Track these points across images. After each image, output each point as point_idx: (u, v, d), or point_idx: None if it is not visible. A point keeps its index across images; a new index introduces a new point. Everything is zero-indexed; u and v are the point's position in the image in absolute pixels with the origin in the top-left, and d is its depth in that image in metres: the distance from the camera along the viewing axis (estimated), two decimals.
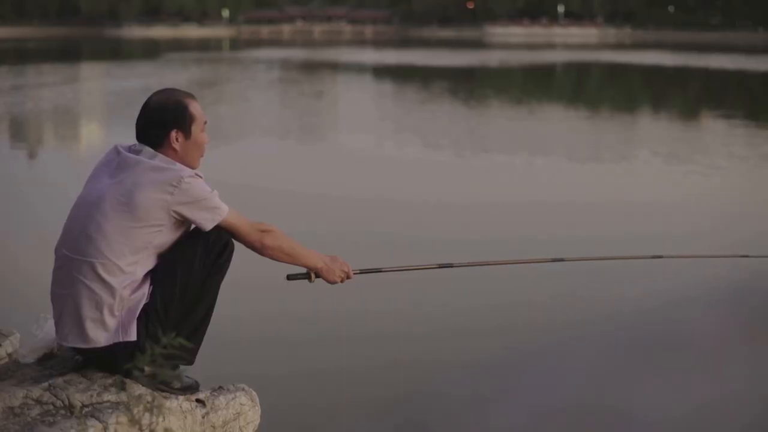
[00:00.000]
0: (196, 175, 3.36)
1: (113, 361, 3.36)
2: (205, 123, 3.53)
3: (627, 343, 6.40)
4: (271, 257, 3.56)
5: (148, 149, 3.38)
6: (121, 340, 3.33)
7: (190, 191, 3.30)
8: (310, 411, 5.19)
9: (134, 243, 3.29)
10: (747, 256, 5.62)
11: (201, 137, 3.48)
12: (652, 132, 20.73)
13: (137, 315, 3.34)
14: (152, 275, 3.40)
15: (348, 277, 3.80)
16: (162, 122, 3.40)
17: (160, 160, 3.34)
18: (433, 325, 6.78)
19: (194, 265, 3.37)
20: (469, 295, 7.40)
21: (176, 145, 3.40)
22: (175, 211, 3.29)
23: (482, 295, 7.41)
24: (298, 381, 5.62)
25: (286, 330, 6.58)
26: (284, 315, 6.79)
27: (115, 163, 3.38)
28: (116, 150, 3.42)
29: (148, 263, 3.36)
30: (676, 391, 5.43)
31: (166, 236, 3.34)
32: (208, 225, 3.36)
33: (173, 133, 3.40)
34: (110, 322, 3.32)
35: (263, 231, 3.50)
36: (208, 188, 3.37)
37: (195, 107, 3.47)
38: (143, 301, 3.36)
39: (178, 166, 3.35)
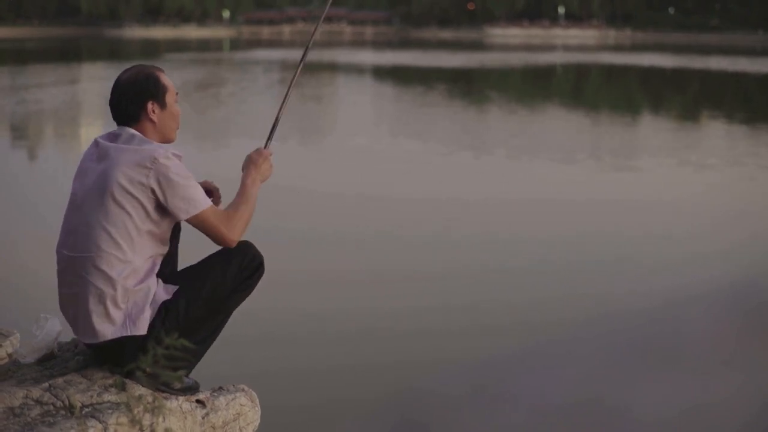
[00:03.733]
0: (174, 155, 3.32)
1: (121, 355, 3.36)
2: (177, 94, 3.53)
3: (624, 342, 6.40)
4: None
5: (127, 130, 3.38)
6: (128, 333, 3.32)
7: (165, 172, 3.26)
8: (309, 411, 5.20)
9: (124, 230, 3.28)
10: None
11: (175, 108, 3.49)
12: (654, 133, 20.75)
13: (145, 308, 3.33)
14: (182, 274, 3.44)
15: (265, 159, 3.59)
16: (137, 96, 3.40)
17: (136, 142, 3.34)
18: (431, 324, 6.78)
19: (227, 275, 3.40)
20: (466, 295, 7.41)
21: (154, 117, 3.41)
22: (152, 191, 3.27)
23: (479, 295, 7.41)
24: (297, 380, 5.62)
25: (285, 330, 6.58)
26: (283, 314, 6.80)
27: (95, 156, 3.38)
28: (95, 143, 3.43)
29: (145, 251, 3.34)
30: (673, 391, 5.44)
31: (154, 221, 3.31)
32: (181, 215, 3.32)
33: (149, 105, 3.40)
34: (116, 315, 3.32)
35: (229, 235, 3.40)
36: (185, 171, 3.32)
37: (165, 79, 3.49)
38: (151, 294, 3.35)
39: (154, 145, 3.33)
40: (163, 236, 3.39)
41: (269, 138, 3.77)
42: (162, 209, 3.31)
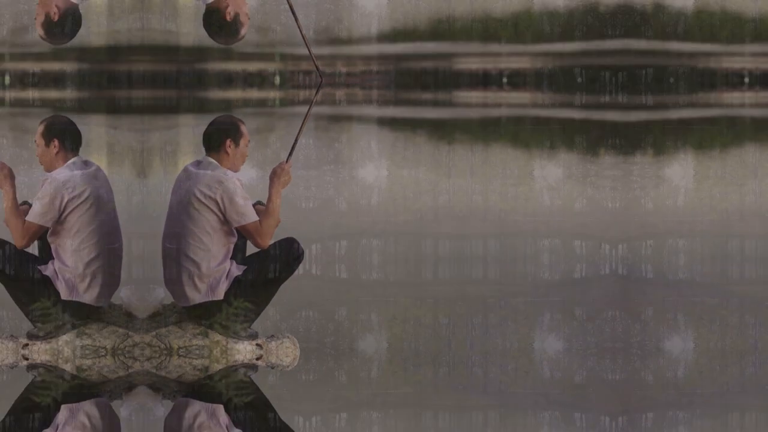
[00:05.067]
0: (237, 180, 3.42)
1: (205, 313, 3.47)
2: (249, 142, 3.60)
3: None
4: None
5: (207, 159, 3.47)
6: (209, 299, 3.43)
7: (229, 193, 3.37)
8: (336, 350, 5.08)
9: (203, 230, 3.39)
10: None
11: (245, 150, 3.56)
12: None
13: (222, 281, 3.42)
14: (249, 259, 3.50)
15: (285, 171, 3.54)
16: (221, 133, 3.49)
17: (212, 168, 3.43)
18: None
19: (278, 262, 3.45)
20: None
21: (229, 151, 3.48)
22: (217, 203, 3.36)
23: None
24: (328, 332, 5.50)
25: (314, 296, 6.41)
26: (318, 282, 6.64)
27: (184, 177, 3.48)
28: (185, 169, 3.51)
29: (220, 243, 3.43)
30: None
31: (223, 222, 3.41)
32: (233, 223, 3.42)
33: (228, 141, 3.48)
34: (201, 287, 3.44)
35: (261, 242, 3.43)
36: (243, 193, 3.42)
37: (244, 128, 3.59)
38: (226, 272, 3.46)
39: (225, 172, 3.43)
40: (231, 231, 3.49)
41: (290, 154, 3.82)
42: (225, 215, 3.43)
